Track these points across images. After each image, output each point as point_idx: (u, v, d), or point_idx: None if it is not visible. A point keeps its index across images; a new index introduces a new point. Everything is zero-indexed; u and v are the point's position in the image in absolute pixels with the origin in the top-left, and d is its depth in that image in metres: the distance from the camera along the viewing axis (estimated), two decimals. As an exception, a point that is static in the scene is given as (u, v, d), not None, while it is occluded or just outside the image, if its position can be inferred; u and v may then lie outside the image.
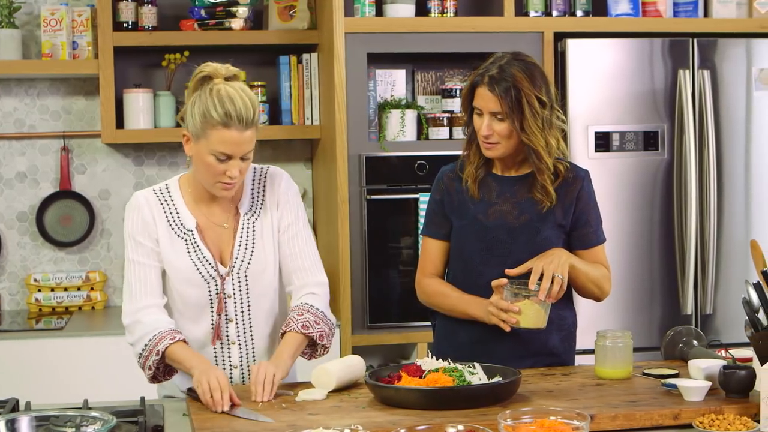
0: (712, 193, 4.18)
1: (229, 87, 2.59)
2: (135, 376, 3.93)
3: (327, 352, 2.78)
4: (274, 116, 4.53)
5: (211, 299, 2.72)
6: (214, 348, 2.74)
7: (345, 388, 2.64)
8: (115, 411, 2.37)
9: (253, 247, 2.74)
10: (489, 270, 2.85)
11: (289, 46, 4.48)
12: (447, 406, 2.38)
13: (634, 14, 4.29)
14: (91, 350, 4.00)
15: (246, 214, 2.76)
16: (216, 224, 2.75)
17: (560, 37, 4.19)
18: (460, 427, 2.13)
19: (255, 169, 2.81)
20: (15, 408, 2.49)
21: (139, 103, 4.39)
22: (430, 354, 2.72)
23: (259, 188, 2.80)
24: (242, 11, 4.39)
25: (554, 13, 4.26)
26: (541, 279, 2.71)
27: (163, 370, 2.70)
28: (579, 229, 2.91)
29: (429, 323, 4.00)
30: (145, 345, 2.65)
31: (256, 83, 4.46)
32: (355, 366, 2.68)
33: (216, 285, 2.72)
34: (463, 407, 2.38)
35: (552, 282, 2.70)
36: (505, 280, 2.73)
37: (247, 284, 2.74)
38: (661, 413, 2.35)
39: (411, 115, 4.20)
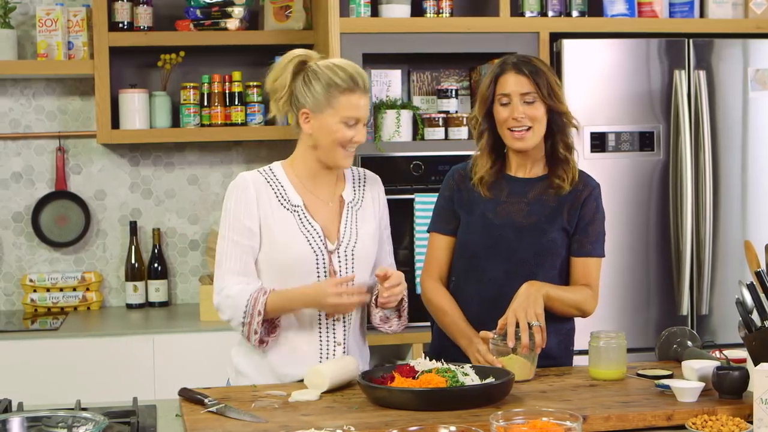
0: (708, 193, 4.18)
1: (336, 59, 2.77)
2: (129, 376, 3.96)
3: (399, 328, 2.95)
4: (270, 117, 4.52)
5: (318, 275, 2.76)
6: (319, 325, 2.79)
7: (338, 389, 2.64)
8: (107, 412, 2.37)
9: (357, 231, 2.83)
10: (492, 267, 2.87)
11: (284, 47, 4.41)
12: (439, 407, 2.38)
13: (630, 14, 4.29)
14: (86, 351, 3.99)
15: (350, 202, 2.86)
16: (321, 201, 2.82)
17: (556, 37, 4.18)
18: (452, 428, 2.12)
19: (351, 167, 2.91)
20: (8, 408, 2.48)
21: (134, 103, 4.38)
22: (424, 354, 2.71)
23: (359, 184, 2.91)
24: (238, 11, 4.39)
25: (550, 13, 4.25)
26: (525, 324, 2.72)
27: (266, 331, 2.75)
28: (576, 234, 2.92)
29: (424, 324, 4.02)
30: (245, 312, 2.70)
31: (251, 83, 4.46)
32: (348, 367, 2.68)
33: (324, 260, 2.76)
34: (455, 408, 2.38)
35: (531, 329, 2.69)
36: (491, 334, 2.74)
37: (353, 263, 2.81)
38: (654, 414, 2.35)
39: (406, 115, 4.19)
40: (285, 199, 2.80)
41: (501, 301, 2.80)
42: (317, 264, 2.77)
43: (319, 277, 2.77)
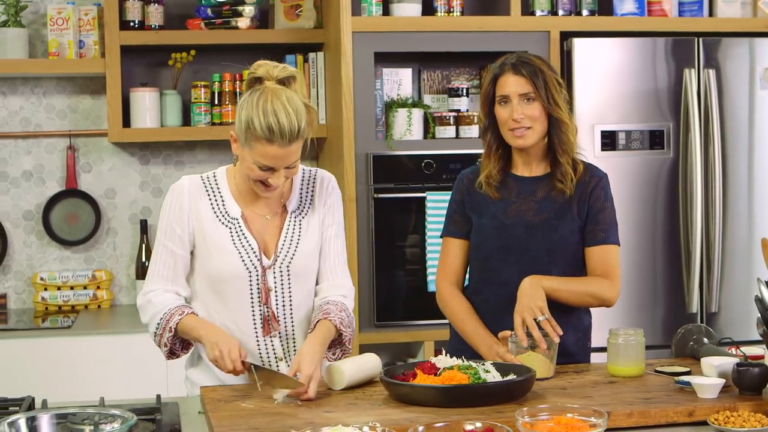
0: (718, 191, 4.20)
1: (276, 98, 2.55)
2: (143, 374, 3.97)
3: (344, 356, 2.81)
4: (280, 115, 4.53)
5: (251, 292, 2.72)
6: (257, 341, 2.73)
7: (359, 386, 2.64)
8: (131, 409, 2.37)
9: (298, 243, 2.75)
10: (506, 267, 2.88)
11: (295, 45, 4.49)
12: (463, 404, 2.39)
13: (640, 13, 4.31)
14: (99, 349, 4.00)
15: (294, 211, 2.78)
16: (260, 215, 2.75)
17: (566, 36, 4.20)
18: (478, 425, 2.14)
19: (304, 170, 2.83)
20: (31, 406, 2.49)
21: (145, 102, 4.39)
22: (444, 351, 2.72)
23: (308, 189, 2.82)
24: (248, 10, 4.40)
25: (560, 12, 4.27)
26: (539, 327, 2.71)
27: (179, 345, 2.73)
28: (588, 225, 2.91)
29: (435, 322, 4.05)
30: (158, 324, 2.68)
31: (262, 82, 4.46)
32: (370, 365, 2.69)
33: (257, 276, 2.71)
34: (478, 404, 2.39)
35: (540, 326, 2.69)
36: (509, 333, 2.75)
37: (289, 278, 2.74)
38: (676, 410, 2.37)
39: (417, 114, 4.21)
40: (221, 212, 2.73)
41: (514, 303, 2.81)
42: (250, 281, 2.71)
43: (252, 294, 2.72)
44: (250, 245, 2.71)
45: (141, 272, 4.53)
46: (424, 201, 4.08)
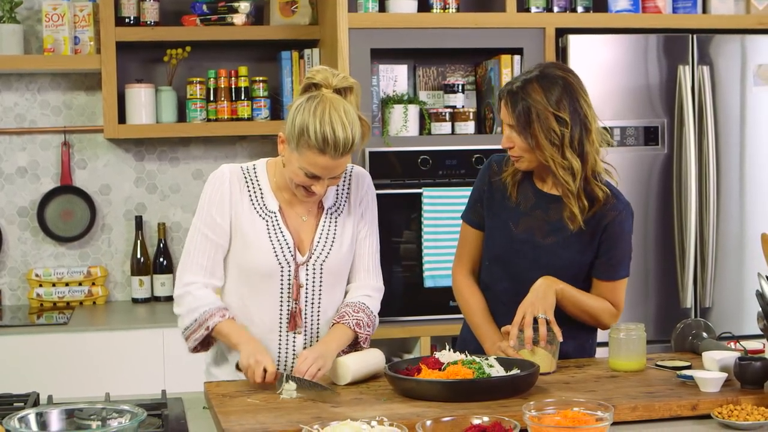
0: (712, 187, 4.23)
1: (334, 109, 2.55)
2: (139, 370, 3.97)
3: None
4: (276, 112, 4.54)
5: (281, 286, 2.73)
6: (280, 336, 2.76)
7: (363, 381, 2.66)
8: (136, 404, 2.37)
9: (333, 242, 2.77)
10: (505, 279, 2.88)
11: (290, 42, 4.49)
12: (468, 398, 2.40)
13: (634, 10, 4.32)
14: (95, 345, 4.00)
15: (330, 208, 2.79)
16: (297, 214, 2.76)
17: (561, 32, 4.21)
18: (485, 419, 2.15)
19: None
20: (36, 402, 2.50)
21: (140, 98, 4.39)
22: (448, 346, 2.73)
23: (344, 186, 2.82)
24: (244, 6, 4.41)
25: (555, 8, 4.28)
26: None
27: (203, 341, 2.74)
28: (598, 258, 2.86)
29: (431, 317, 4.08)
30: (195, 319, 2.70)
31: (257, 78, 4.47)
32: (374, 360, 2.70)
33: (290, 272, 2.73)
34: (483, 399, 2.40)
35: (537, 323, 2.69)
36: (510, 327, 2.74)
37: (321, 276, 2.76)
38: (680, 404, 2.39)
39: (413, 110, 4.22)
40: (260, 204, 2.74)
41: (506, 314, 2.80)
42: (282, 276, 2.73)
43: (282, 289, 2.73)
44: (285, 240, 2.72)
45: (136, 269, 4.53)
46: (420, 197, 4.09)
